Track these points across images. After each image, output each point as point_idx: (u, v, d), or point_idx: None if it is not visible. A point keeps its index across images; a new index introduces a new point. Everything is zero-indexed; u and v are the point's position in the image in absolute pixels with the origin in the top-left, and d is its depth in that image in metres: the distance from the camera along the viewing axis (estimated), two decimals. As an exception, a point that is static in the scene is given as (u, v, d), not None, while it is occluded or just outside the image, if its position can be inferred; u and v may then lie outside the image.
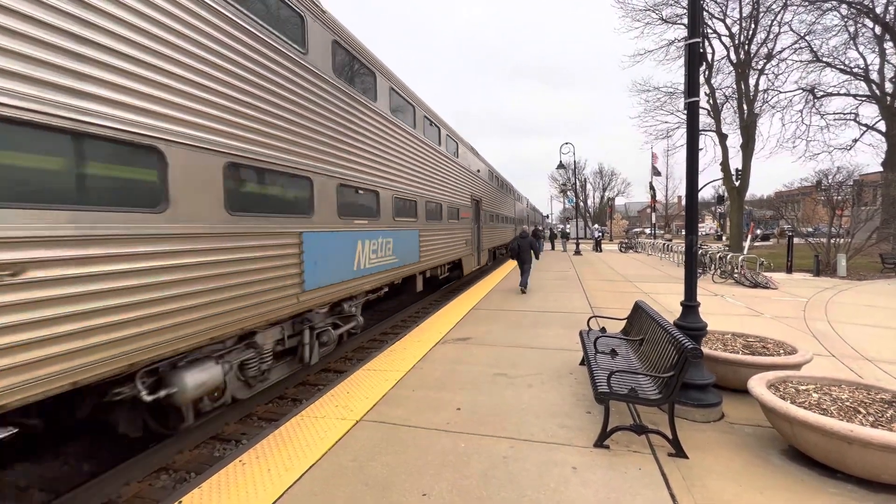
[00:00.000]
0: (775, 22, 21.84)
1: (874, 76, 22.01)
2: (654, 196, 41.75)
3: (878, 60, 21.78)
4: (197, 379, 3.82)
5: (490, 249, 18.86)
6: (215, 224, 3.87)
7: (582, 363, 5.07)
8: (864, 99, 22.77)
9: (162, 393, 3.59)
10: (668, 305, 8.58)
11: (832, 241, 15.90)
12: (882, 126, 22.32)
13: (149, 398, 3.47)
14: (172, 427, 4.03)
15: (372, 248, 7.05)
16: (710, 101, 23.99)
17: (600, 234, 33.22)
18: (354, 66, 6.59)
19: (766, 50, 22.50)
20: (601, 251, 28.21)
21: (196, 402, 4.00)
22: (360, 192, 6.74)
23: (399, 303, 11.31)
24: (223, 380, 4.18)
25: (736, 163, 23.60)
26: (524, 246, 11.11)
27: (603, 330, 5.09)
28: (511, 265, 17.22)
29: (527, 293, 10.54)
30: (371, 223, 7.02)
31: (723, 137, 24.05)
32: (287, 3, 5.00)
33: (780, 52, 22.61)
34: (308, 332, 5.56)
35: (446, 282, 13.62)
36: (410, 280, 9.34)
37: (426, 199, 9.88)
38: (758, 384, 3.33)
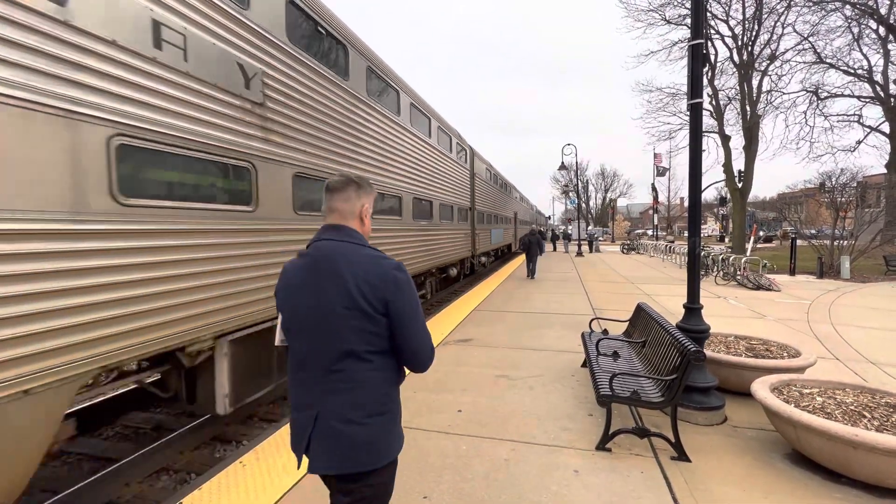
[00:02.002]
0: (778, 23, 21.77)
1: (878, 77, 21.90)
2: (656, 197, 41.68)
3: (881, 62, 21.69)
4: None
5: (519, 240, 32.36)
6: (480, 226, 16.65)
7: (584, 365, 5.05)
8: (867, 100, 22.63)
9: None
10: (670, 307, 8.54)
11: (835, 242, 15.82)
12: (886, 127, 22.18)
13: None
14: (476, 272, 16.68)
15: (495, 234, 19.61)
16: (713, 103, 23.95)
17: (592, 235, 34.08)
18: (494, 176, 19.98)
19: (769, 51, 22.42)
20: (599, 251, 28.22)
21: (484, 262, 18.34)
22: (494, 216, 19.12)
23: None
24: (487, 261, 19.20)
25: (739, 164, 23.55)
26: (533, 241, 14.10)
27: (605, 332, 5.07)
28: (516, 262, 17.66)
29: (531, 292, 10.64)
30: (495, 226, 19.61)
31: (725, 139, 23.97)
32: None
33: (784, 52, 22.52)
34: (485, 258, 17.92)
35: (499, 256, 24.80)
36: (495, 251, 21.58)
37: (503, 216, 22.42)
38: (761, 387, 3.31)
